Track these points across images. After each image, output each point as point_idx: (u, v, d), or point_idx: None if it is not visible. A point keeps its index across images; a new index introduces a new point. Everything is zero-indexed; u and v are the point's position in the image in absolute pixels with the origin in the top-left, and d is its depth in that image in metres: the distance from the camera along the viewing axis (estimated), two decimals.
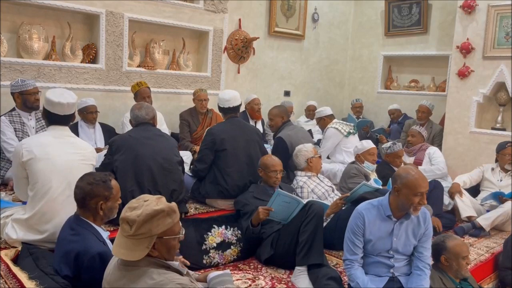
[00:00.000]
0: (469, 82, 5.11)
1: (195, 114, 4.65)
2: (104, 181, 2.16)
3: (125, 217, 1.65)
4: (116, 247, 1.66)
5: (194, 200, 3.63)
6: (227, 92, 3.71)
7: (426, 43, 6.37)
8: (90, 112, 4.06)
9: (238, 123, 3.67)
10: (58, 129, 2.59)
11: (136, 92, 4.21)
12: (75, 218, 2.19)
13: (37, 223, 2.44)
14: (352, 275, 2.40)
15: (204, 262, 2.92)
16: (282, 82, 6.58)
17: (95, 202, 2.14)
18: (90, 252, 2.01)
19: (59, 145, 2.53)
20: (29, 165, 2.44)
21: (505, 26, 4.81)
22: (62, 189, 2.45)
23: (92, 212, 2.17)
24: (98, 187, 2.14)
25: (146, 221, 1.62)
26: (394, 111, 6.33)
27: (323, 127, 4.75)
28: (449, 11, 5.95)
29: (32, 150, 2.45)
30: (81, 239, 2.08)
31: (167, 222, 1.67)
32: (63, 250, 2.11)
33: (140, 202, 1.69)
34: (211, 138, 3.48)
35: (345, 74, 7.45)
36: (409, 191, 2.29)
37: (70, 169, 2.48)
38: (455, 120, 5.24)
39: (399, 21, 6.60)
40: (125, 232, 1.64)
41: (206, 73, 5.23)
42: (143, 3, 4.57)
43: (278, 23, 6.25)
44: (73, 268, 2.05)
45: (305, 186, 3.56)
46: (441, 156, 4.61)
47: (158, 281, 1.61)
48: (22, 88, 3.48)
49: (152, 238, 1.63)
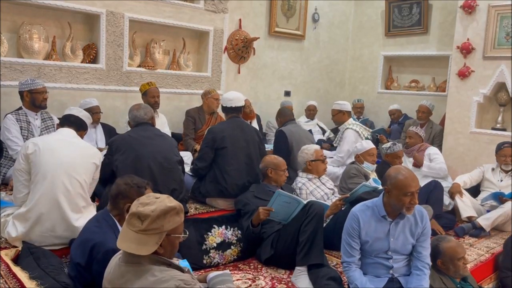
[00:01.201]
0: (470, 82, 5.11)
1: (202, 113, 4.67)
2: (140, 186, 2.24)
3: (137, 212, 1.65)
4: (122, 242, 1.65)
5: (195, 200, 3.64)
6: (231, 93, 3.81)
7: (426, 43, 6.37)
8: (95, 113, 4.07)
9: (239, 123, 3.69)
10: (64, 130, 2.80)
11: (146, 91, 4.24)
12: (104, 212, 2.28)
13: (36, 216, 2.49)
14: (350, 277, 2.40)
15: (204, 262, 2.92)
16: (283, 82, 6.58)
17: (124, 203, 2.20)
18: (106, 246, 2.05)
19: (63, 143, 2.68)
20: (32, 157, 2.55)
21: (506, 26, 4.81)
22: (61, 181, 2.52)
23: (120, 212, 2.23)
24: (132, 190, 2.21)
25: (160, 216, 1.64)
26: (395, 111, 6.33)
27: (339, 121, 4.63)
28: (450, 11, 5.95)
29: (38, 144, 2.60)
30: (101, 232, 2.15)
31: (176, 220, 1.69)
32: (83, 238, 2.19)
33: (152, 198, 1.70)
34: (212, 136, 3.50)
35: (346, 74, 7.45)
36: (399, 192, 2.29)
37: (71, 164, 2.59)
38: (456, 120, 5.24)
39: (399, 21, 6.60)
40: (135, 227, 1.64)
41: (207, 73, 5.23)
42: (144, 3, 4.57)
43: (279, 23, 6.25)
44: (87, 257, 2.11)
45: (304, 187, 3.55)
46: (441, 157, 4.56)
47: (160, 277, 1.61)
48: (31, 87, 3.52)
49: (162, 235, 1.65)
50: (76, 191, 2.58)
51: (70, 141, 2.73)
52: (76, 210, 2.57)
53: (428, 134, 5.45)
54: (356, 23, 7.26)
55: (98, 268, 2.03)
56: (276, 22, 6.19)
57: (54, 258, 2.36)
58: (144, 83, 4.33)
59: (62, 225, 2.52)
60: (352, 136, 4.48)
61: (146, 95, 4.24)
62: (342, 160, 4.45)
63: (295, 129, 4.28)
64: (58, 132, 2.81)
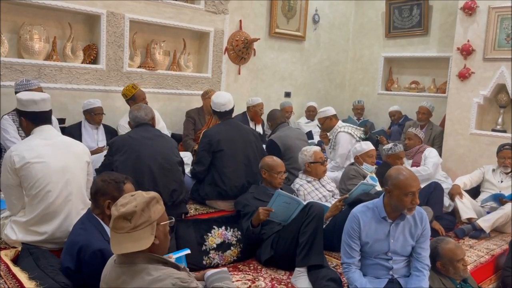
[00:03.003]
0: (470, 83, 5.11)
1: (202, 113, 4.66)
2: (117, 182, 2.22)
3: (121, 214, 1.63)
4: (116, 245, 1.64)
5: (194, 201, 3.63)
6: (222, 96, 3.63)
7: (426, 44, 6.37)
8: (97, 114, 4.06)
9: (234, 124, 3.68)
10: (43, 130, 2.56)
11: (133, 95, 4.06)
12: (88, 213, 2.25)
13: (36, 225, 2.45)
14: (350, 278, 2.40)
15: (204, 263, 2.92)
16: (283, 83, 6.58)
17: (104, 199, 2.19)
18: (92, 247, 2.04)
19: (50, 147, 2.50)
20: (23, 171, 2.40)
21: (506, 28, 4.81)
22: (59, 190, 2.45)
23: (101, 210, 2.21)
24: (110, 186, 2.20)
25: (144, 209, 1.65)
26: (395, 112, 6.33)
27: (328, 127, 4.58)
28: (450, 13, 5.95)
29: (24, 156, 2.40)
30: (86, 234, 2.13)
31: (159, 208, 1.72)
32: (70, 241, 2.17)
33: (128, 197, 1.71)
34: (208, 140, 3.49)
35: (346, 75, 7.45)
36: (400, 192, 2.29)
37: (65, 169, 2.49)
38: (456, 122, 5.24)
39: (399, 23, 6.61)
40: (124, 229, 1.63)
41: (207, 74, 5.23)
42: (144, 4, 4.57)
43: (279, 24, 6.25)
44: (75, 261, 2.09)
45: (301, 189, 3.53)
46: (434, 157, 4.51)
47: (156, 276, 1.61)
48: (26, 88, 3.48)
49: (153, 225, 1.66)
50: (76, 197, 2.52)
51: (53, 142, 2.54)
52: (76, 214, 2.51)
53: (428, 136, 5.45)
54: (356, 24, 7.26)
55: (88, 270, 2.04)
56: (276, 23, 6.20)
57: (53, 259, 2.34)
58: (129, 87, 4.10)
59: (62, 230, 2.48)
60: (345, 138, 4.43)
61: (134, 99, 4.03)
62: (340, 165, 4.42)
63: (285, 133, 4.22)
64: (37, 134, 2.54)
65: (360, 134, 4.54)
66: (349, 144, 4.40)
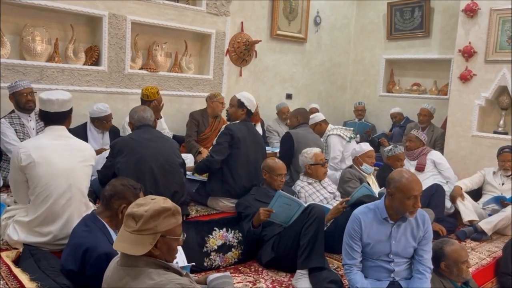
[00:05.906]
0: (471, 85, 5.11)
1: (206, 116, 4.66)
2: (135, 188, 2.26)
3: (131, 213, 1.66)
4: (118, 242, 1.66)
5: (196, 203, 3.64)
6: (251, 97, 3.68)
7: (428, 46, 6.36)
8: (109, 121, 4.04)
9: (251, 127, 3.72)
10: (54, 130, 2.55)
11: (155, 99, 4.05)
12: (91, 215, 2.25)
13: (39, 226, 2.45)
14: (351, 279, 2.39)
15: (205, 265, 2.92)
16: (284, 85, 6.58)
17: (120, 203, 2.20)
18: (98, 250, 2.04)
19: (57, 148, 2.50)
20: (28, 170, 2.41)
21: (507, 30, 4.81)
22: (62, 192, 2.45)
23: (112, 213, 2.22)
24: (129, 191, 2.22)
25: (153, 217, 1.64)
26: (396, 114, 6.33)
27: (319, 132, 4.63)
28: (451, 15, 5.95)
29: (31, 154, 2.41)
30: (92, 236, 2.12)
31: (172, 222, 1.69)
32: (73, 244, 2.15)
33: (147, 200, 1.72)
34: (231, 133, 3.49)
35: (347, 77, 7.45)
36: (402, 195, 2.29)
37: (70, 172, 2.49)
38: (457, 124, 5.23)
39: (401, 25, 6.61)
40: (130, 227, 1.65)
41: (208, 76, 5.24)
42: (146, 6, 4.58)
43: (280, 26, 6.25)
44: (79, 263, 2.08)
45: (302, 191, 3.53)
46: (443, 159, 4.54)
47: (158, 281, 1.61)
48: (14, 89, 3.50)
49: (156, 236, 1.64)
50: (79, 199, 2.53)
51: (62, 143, 2.54)
52: (78, 217, 2.51)
53: (430, 137, 5.44)
54: (358, 26, 7.26)
55: (92, 272, 2.03)
56: (278, 25, 6.20)
57: (54, 260, 2.35)
58: (153, 90, 4.07)
59: (64, 232, 2.48)
60: (335, 141, 4.50)
61: (151, 102, 4.02)
62: (337, 165, 4.46)
63: (304, 132, 4.27)
64: (47, 133, 2.55)
65: (350, 134, 4.57)
66: (339, 146, 4.48)
